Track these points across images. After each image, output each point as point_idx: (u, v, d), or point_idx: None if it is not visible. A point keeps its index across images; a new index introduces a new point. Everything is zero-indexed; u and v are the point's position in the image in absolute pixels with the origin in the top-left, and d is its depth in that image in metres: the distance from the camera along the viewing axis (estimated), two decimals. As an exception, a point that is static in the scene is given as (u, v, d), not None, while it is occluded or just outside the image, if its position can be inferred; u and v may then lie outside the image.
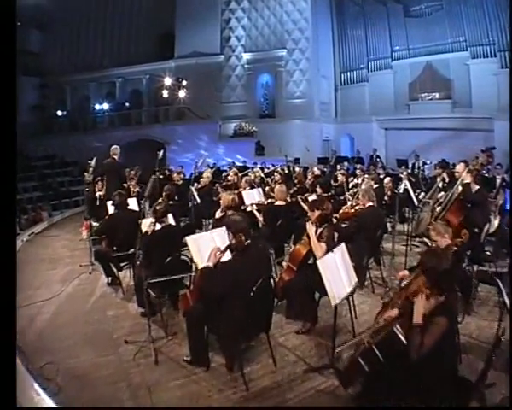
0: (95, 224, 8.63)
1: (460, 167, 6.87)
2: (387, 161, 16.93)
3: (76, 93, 23.87)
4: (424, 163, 13.99)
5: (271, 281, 4.08)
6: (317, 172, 13.05)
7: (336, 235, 6.80)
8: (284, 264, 5.15)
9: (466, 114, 16.73)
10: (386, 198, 9.33)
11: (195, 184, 11.33)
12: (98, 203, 9.83)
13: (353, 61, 19.42)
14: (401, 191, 11.33)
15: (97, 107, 23.09)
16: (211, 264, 3.91)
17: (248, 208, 7.50)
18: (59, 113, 23.29)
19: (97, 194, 10.09)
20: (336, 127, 20.10)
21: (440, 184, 8.74)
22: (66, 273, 7.74)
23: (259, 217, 7.30)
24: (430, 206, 8.49)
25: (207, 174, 11.59)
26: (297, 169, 14.64)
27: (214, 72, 22.12)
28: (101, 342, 5.08)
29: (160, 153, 12.80)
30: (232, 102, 22.55)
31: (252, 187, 9.14)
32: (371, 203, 6.30)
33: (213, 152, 21.35)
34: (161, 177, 15.00)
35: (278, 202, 7.22)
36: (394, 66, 18.43)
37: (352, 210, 6.60)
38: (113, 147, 10.28)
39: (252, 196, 8.29)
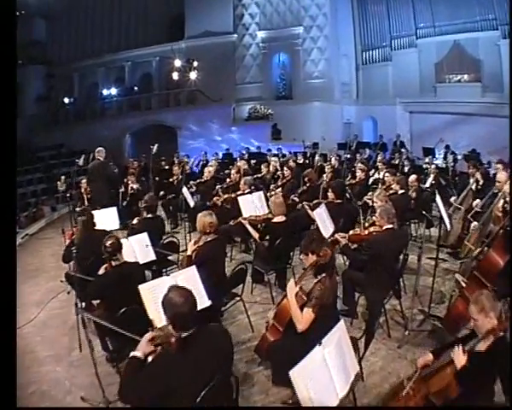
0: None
1: (502, 177, 5.60)
2: (413, 148, 15.43)
3: (84, 80, 22.92)
4: (455, 159, 12.48)
5: (231, 379, 2.93)
6: (333, 162, 11.82)
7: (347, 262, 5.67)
8: (270, 316, 3.96)
9: (497, 99, 14.98)
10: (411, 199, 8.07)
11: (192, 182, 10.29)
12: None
13: (375, 38, 17.73)
14: (427, 185, 10.21)
15: (105, 92, 22.11)
16: (139, 354, 2.76)
17: (242, 220, 6.41)
18: (66, 101, 22.41)
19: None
20: (358, 109, 18.56)
21: (474, 186, 7.43)
22: (45, 291, 7.11)
23: (254, 234, 6.16)
24: (461, 213, 7.24)
25: (209, 169, 10.43)
26: (317, 158, 13.34)
27: (227, 52, 20.80)
28: (59, 396, 4.42)
29: (155, 147, 12.06)
30: (247, 84, 21.23)
31: (254, 189, 7.97)
32: (390, 226, 5.02)
33: (227, 137, 20.30)
34: (165, 168, 14.00)
35: (276, 219, 6.01)
36: (419, 44, 16.66)
37: (366, 232, 5.30)
38: (98, 149, 9.76)
39: (251, 203, 7.10)
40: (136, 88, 22.62)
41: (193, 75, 20.32)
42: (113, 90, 22.02)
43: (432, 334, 4.88)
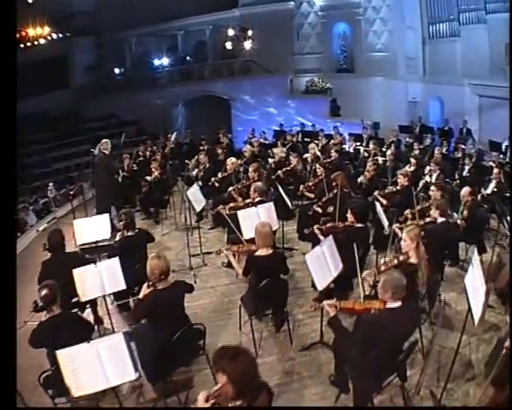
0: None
1: None
2: (481, 137, 13.44)
3: (135, 49, 22.32)
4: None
5: None
6: (389, 154, 10.27)
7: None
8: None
9: None
10: (461, 219, 6.60)
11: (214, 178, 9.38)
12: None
13: (442, 10, 15.24)
14: (488, 191, 8.58)
15: (157, 62, 21.49)
16: None
17: (224, 250, 5.43)
18: (117, 71, 22.01)
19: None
20: (424, 88, 16.42)
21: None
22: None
23: (237, 268, 5.18)
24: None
25: (232, 160, 9.37)
26: (371, 146, 11.76)
27: (284, 20, 19.33)
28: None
29: (173, 135, 11.69)
30: (305, 54, 19.84)
31: (263, 199, 6.90)
32: (396, 304, 3.67)
33: (283, 110, 19.25)
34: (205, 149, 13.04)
35: (260, 252, 4.96)
36: (489, 20, 14.11)
37: (362, 306, 3.99)
38: (103, 141, 9.35)
39: (254, 218, 6.06)
40: (188, 58, 21.87)
41: (247, 44, 19.40)
42: (165, 60, 21.34)
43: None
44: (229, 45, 19.71)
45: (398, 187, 7.82)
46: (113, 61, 21.96)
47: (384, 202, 7.64)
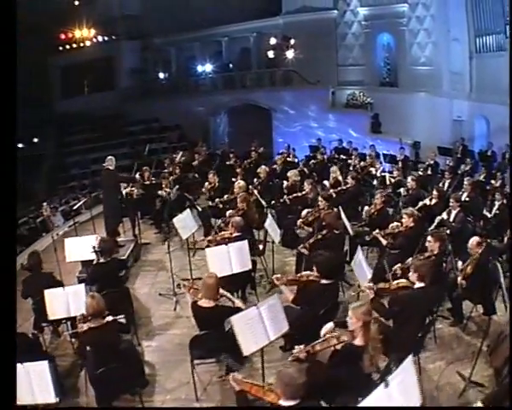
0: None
1: None
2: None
3: (180, 54, 22.60)
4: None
5: None
6: (411, 184, 9.42)
7: None
8: None
9: None
10: (462, 277, 5.64)
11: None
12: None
13: (488, 22, 14.14)
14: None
15: (200, 68, 21.57)
16: None
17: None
18: (161, 75, 22.32)
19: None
20: (471, 106, 15.31)
21: None
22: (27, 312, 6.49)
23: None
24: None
25: (240, 183, 8.97)
26: (395, 173, 10.92)
27: (327, 29, 18.86)
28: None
29: (179, 155, 11.97)
30: (349, 66, 19.29)
31: (241, 236, 6.48)
32: (290, 403, 3.18)
33: (323, 124, 18.67)
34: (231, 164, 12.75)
35: (202, 302, 4.72)
36: None
37: (259, 391, 3.55)
38: (108, 158, 9.45)
39: (224, 256, 5.78)
40: (231, 65, 21.82)
41: (289, 54, 19.02)
42: (209, 67, 21.36)
43: None
44: (271, 54, 19.44)
45: (402, 228, 6.95)
46: (157, 66, 22.39)
47: (384, 241, 7.02)
